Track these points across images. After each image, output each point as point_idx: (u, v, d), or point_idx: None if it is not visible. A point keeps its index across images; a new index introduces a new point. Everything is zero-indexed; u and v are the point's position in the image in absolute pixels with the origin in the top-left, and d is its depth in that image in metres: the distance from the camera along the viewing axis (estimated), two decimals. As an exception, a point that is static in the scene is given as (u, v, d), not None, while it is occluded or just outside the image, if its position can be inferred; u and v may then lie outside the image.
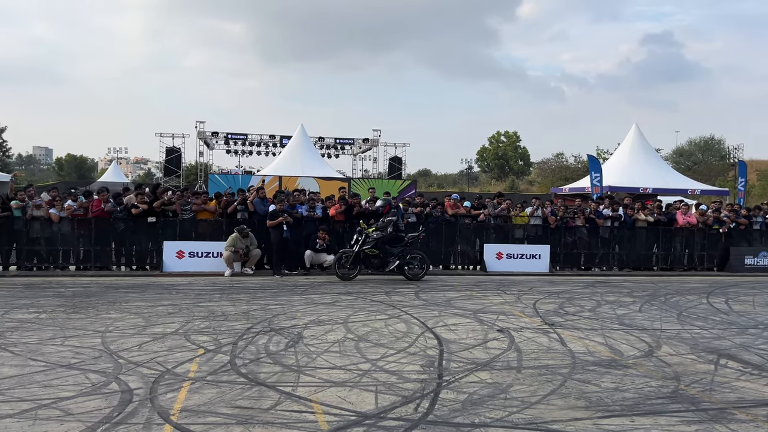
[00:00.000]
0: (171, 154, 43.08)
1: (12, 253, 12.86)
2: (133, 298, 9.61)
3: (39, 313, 8.22)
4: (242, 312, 8.64)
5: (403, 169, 46.56)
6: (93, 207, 13.10)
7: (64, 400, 4.68)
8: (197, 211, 13.77)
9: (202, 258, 13.14)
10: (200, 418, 4.38)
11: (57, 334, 7.01)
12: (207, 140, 43.10)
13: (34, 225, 12.73)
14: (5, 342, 6.54)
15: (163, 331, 7.28)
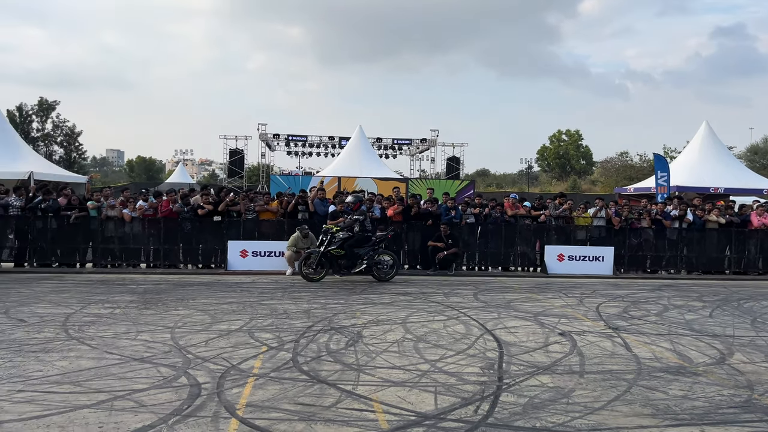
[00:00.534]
0: (234, 156, 44.36)
1: (88, 251, 13.57)
2: (200, 296, 9.97)
3: (113, 309, 8.65)
4: (303, 310, 8.82)
5: (461, 169, 46.29)
6: (162, 207, 13.68)
7: (138, 392, 4.92)
8: (260, 212, 14.14)
9: (265, 257, 13.48)
10: (264, 413, 4.52)
11: (130, 328, 7.36)
12: (268, 142, 44.13)
13: (108, 224, 13.39)
14: (83, 336, 6.92)
15: (228, 328, 7.52)
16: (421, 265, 14.31)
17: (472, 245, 14.72)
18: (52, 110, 64.38)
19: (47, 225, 13.30)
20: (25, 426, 4.16)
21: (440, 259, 13.66)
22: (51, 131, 64.73)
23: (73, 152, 65.68)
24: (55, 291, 10.19)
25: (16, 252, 13.42)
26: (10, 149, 20.87)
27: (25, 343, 6.48)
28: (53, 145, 64.34)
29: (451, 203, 14.65)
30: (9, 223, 13.38)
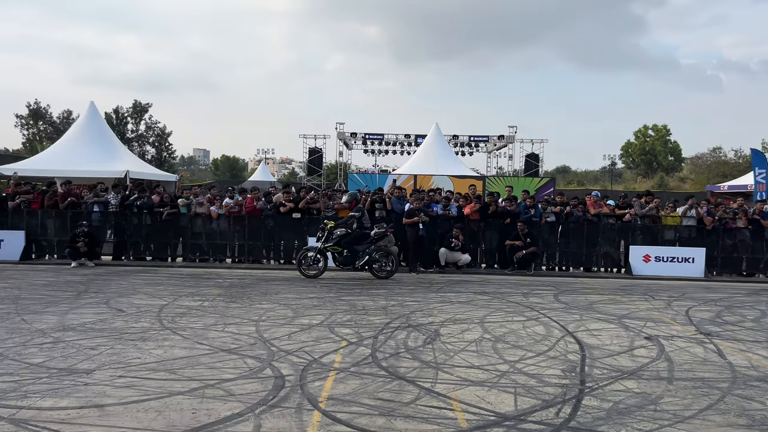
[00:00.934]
0: (313, 155, 45.35)
1: (179, 246, 14.31)
2: (282, 290, 10.30)
3: (202, 301, 9.10)
4: (381, 307, 8.93)
5: (540, 166, 45.22)
6: (246, 205, 14.22)
7: (226, 382, 5.16)
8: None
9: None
10: (345, 407, 4.63)
11: (218, 321, 7.72)
12: (346, 140, 44.81)
13: (197, 221, 14.07)
14: (176, 326, 7.32)
15: (310, 322, 7.74)
16: (498, 264, 14.14)
17: (552, 245, 14.38)
18: (145, 112, 68.24)
19: (142, 221, 14.13)
20: (126, 409, 4.46)
21: (518, 259, 13.44)
22: (144, 132, 68.61)
23: (164, 152, 69.33)
24: (150, 283, 10.82)
25: (115, 246, 14.35)
26: (109, 150, 22.28)
27: (125, 332, 6.94)
28: (146, 145, 68.16)
29: (530, 201, 14.37)
30: (108, 219, 14.33)
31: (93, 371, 5.37)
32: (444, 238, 13.50)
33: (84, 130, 22.69)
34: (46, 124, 66.66)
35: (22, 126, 66.06)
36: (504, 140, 44.20)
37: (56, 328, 7.04)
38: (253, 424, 4.23)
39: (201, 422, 4.23)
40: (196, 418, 4.30)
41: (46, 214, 14.06)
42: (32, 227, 13.96)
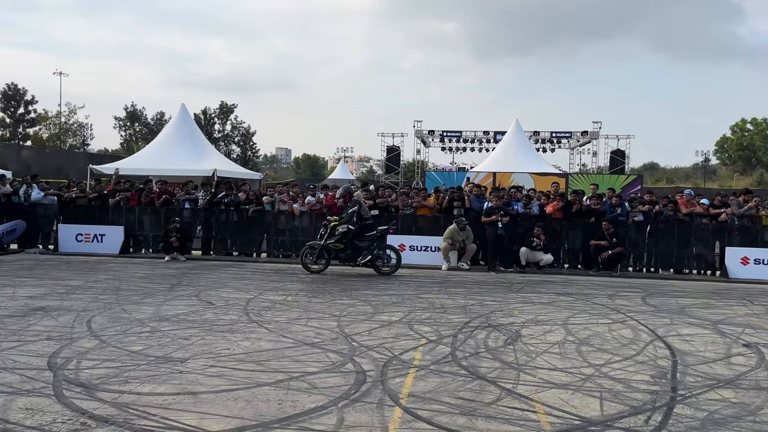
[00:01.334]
0: (391, 153, 45.67)
1: (263, 242, 14.83)
2: (362, 287, 10.46)
3: (286, 296, 9.39)
4: (460, 306, 8.89)
5: (626, 163, 43.45)
6: (327, 202, 14.54)
7: (310, 375, 5.31)
8: (417, 207, 14.45)
9: (422, 252, 13.77)
10: (426, 404, 4.65)
11: (301, 315, 7.95)
12: (423, 138, 44.81)
13: (280, 218, 14.54)
14: (261, 320, 7.60)
15: (389, 319, 7.82)
16: (582, 264, 13.73)
17: (640, 245, 13.79)
18: (230, 113, 71.09)
19: (229, 218, 14.76)
20: (217, 398, 4.68)
21: (604, 259, 12.99)
22: (230, 132, 71.47)
23: (248, 151, 71.98)
24: (236, 278, 11.28)
25: (203, 241, 15.06)
26: (197, 149, 23.42)
27: (214, 324, 7.28)
28: (231, 145, 70.99)
29: (616, 200, 13.85)
30: (198, 216, 15.05)
31: (187, 360, 5.67)
32: (525, 237, 13.25)
33: (175, 130, 23.97)
34: (142, 125, 70.76)
35: (120, 127, 70.47)
36: (588, 136, 42.77)
37: (153, 318, 7.48)
38: (336, 417, 4.33)
39: (287, 413, 4.38)
40: (282, 409, 4.46)
41: (143, 211, 14.94)
42: (130, 223, 14.89)
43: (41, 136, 59.51)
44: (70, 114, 61.13)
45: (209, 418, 4.22)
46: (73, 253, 14.35)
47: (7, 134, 60.43)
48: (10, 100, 60.70)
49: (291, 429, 4.10)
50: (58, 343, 6.14)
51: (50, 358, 5.59)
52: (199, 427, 4.06)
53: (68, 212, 15.22)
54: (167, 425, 4.09)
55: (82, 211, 15.17)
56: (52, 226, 15.19)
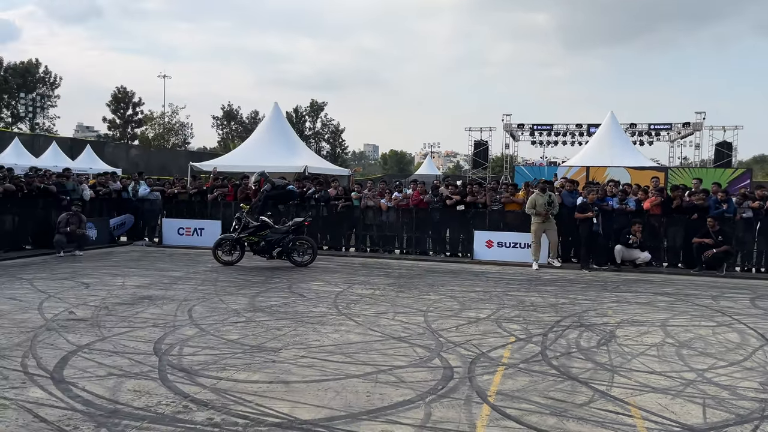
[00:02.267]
0: (479, 147, 45.09)
1: (351, 237, 15.10)
2: (449, 283, 10.42)
3: (374, 290, 9.52)
4: (551, 304, 8.65)
5: (733, 156, 40.55)
6: (413, 197, 14.58)
7: (398, 369, 5.36)
8: (505, 203, 14.19)
9: (510, 248, 13.51)
10: (515, 403, 4.57)
11: (388, 309, 8.03)
12: (513, 132, 43.91)
13: (368, 213, 14.74)
14: (350, 312, 7.75)
15: (477, 315, 7.74)
16: (683, 263, 12.97)
17: (749, 243, 12.84)
18: (321, 111, 72.84)
19: (319, 213, 15.13)
20: (308, 387, 4.82)
21: (708, 258, 12.19)
22: (320, 129, 73.23)
23: (338, 147, 73.47)
24: (326, 271, 11.56)
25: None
26: (290, 146, 24.15)
27: (305, 315, 7.50)
28: (321, 142, 72.73)
29: (722, 195, 12.95)
30: (289, 211, 15.52)
31: (279, 350, 5.88)
32: (620, 234, 12.68)
33: (269, 128, 24.83)
34: (237, 123, 73.91)
35: (218, 126, 73.97)
36: (690, 128, 40.28)
37: (248, 309, 7.81)
38: (423, 412, 4.35)
39: (375, 405, 4.44)
40: (370, 401, 4.53)
41: (239, 206, 15.60)
42: (227, 217, 15.58)
43: (147, 136, 63.61)
44: (173, 114, 65.01)
45: (300, 407, 4.36)
46: (176, 245, 15.22)
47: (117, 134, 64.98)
48: (120, 102, 65.22)
49: (379, 421, 4.16)
50: (163, 330, 6.55)
51: (155, 344, 5.98)
52: (291, 416, 4.20)
53: (171, 207, 16.17)
54: (261, 412, 4.26)
55: (184, 206, 16.07)
56: (157, 220, 16.18)
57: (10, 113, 57.32)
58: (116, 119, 65.32)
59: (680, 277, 11.83)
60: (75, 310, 7.49)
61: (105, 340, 6.11)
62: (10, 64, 57.21)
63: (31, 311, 7.36)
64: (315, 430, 3.98)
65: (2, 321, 6.81)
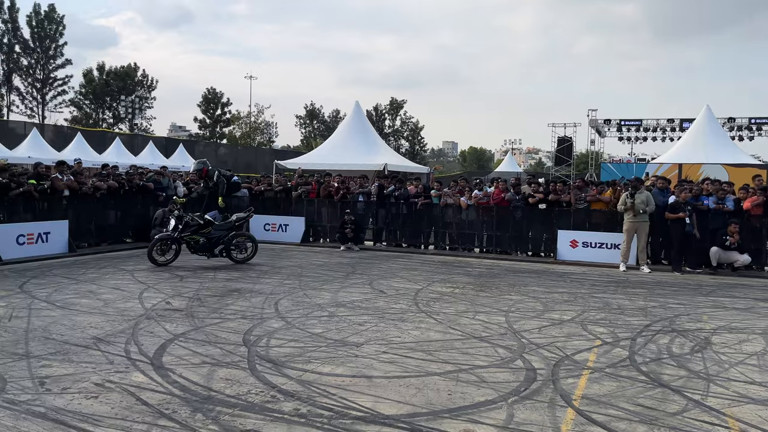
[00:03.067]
0: (562, 144, 43.81)
1: (430, 235, 15.11)
2: (531, 283, 10.22)
3: (453, 288, 9.50)
4: (639, 308, 8.32)
5: None
6: (494, 195, 14.39)
7: (479, 368, 5.34)
8: (591, 201, 13.74)
9: (596, 248, 13.07)
10: (602, 408, 4.44)
11: (469, 308, 7.99)
12: (599, 128, 42.35)
13: (447, 211, 14.70)
14: (430, 310, 7.78)
15: (560, 317, 7.56)
16: (788, 267, 12.08)
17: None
18: (400, 108, 73.19)
19: (399, 210, 15.25)
20: (389, 383, 4.89)
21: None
22: (399, 127, 73.61)
23: (416, 145, 73.59)
24: (406, 268, 11.63)
25: (375, 232, 15.72)
26: (370, 144, 24.44)
27: (386, 312, 7.59)
28: (400, 139, 73.07)
29: (833, 194, 11.95)
30: (370, 208, 15.75)
31: (361, 345, 6.00)
32: (716, 236, 11.98)
33: (350, 127, 25.24)
34: (319, 122, 75.53)
35: (300, 125, 75.90)
36: (796, 121, 37.32)
37: (331, 304, 8.01)
38: (505, 412, 4.31)
39: (456, 404, 4.45)
40: (451, 400, 4.54)
41: (321, 203, 16.00)
42: (310, 214, 16.03)
43: (234, 135, 66.22)
44: (259, 114, 67.27)
45: (383, 402, 4.44)
46: (262, 240, 15.75)
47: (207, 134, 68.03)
48: (210, 103, 68.21)
49: (461, 420, 4.16)
50: (251, 322, 6.83)
51: (245, 335, 6.25)
52: (374, 410, 4.29)
53: (258, 204, 16.78)
54: (345, 405, 4.37)
55: (270, 203, 16.64)
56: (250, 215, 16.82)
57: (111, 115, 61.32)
58: (206, 119, 68.39)
59: None
60: (171, 300, 7.95)
61: (198, 330, 6.45)
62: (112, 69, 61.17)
63: (133, 300, 7.88)
64: (397, 426, 4.04)
65: (108, 309, 7.33)
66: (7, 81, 52.07)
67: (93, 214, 13.66)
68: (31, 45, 52.72)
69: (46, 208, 12.59)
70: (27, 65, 53.01)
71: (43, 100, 54.28)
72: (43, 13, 53.21)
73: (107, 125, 59.00)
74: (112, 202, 14.20)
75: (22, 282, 9.00)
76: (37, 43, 53.03)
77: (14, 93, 52.79)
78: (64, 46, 54.51)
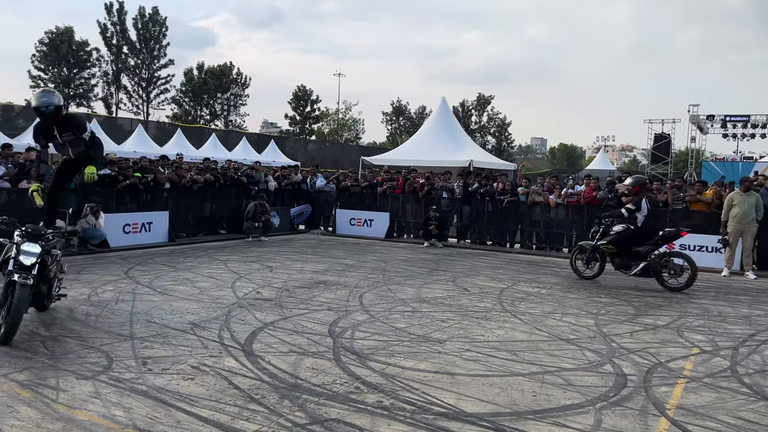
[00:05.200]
0: (659, 141, 41.60)
1: (517, 233, 14.82)
2: (622, 286, 9.80)
3: (540, 288, 9.28)
4: (743, 315, 7.78)
5: None
6: (585, 193, 13.90)
7: (565, 371, 5.19)
8: (690, 202, 12.99)
9: (695, 251, 12.29)
10: (698, 419, 4.21)
11: (556, 309, 7.78)
12: (700, 124, 39.84)
13: (535, 209, 14.36)
14: (515, 310, 7.64)
15: (654, 322, 7.21)
16: None
17: None
18: (487, 104, 72.09)
19: (485, 208, 15.06)
20: (473, 381, 4.86)
21: None
22: (486, 123, 72.58)
23: (503, 141, 72.31)
24: (490, 266, 11.48)
25: (459, 229, 15.62)
26: (455, 141, 24.26)
27: (469, 310, 7.53)
28: (487, 136, 72.02)
29: None
30: (455, 205, 15.66)
31: (444, 341, 5.99)
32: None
33: (436, 123, 25.18)
34: (405, 119, 75.80)
35: (387, 122, 76.46)
36: None
37: (414, 299, 8.04)
38: (593, 417, 4.17)
39: (541, 406, 4.36)
40: (536, 402, 4.45)
41: (406, 199, 16.08)
42: (395, 210, 16.15)
43: (323, 131, 67.77)
44: (347, 111, 68.46)
45: (465, 400, 4.41)
46: (348, 235, 16.09)
47: (297, 130, 70.03)
48: (300, 100, 70.11)
49: (546, 422, 4.07)
50: (336, 314, 6.99)
51: (330, 327, 6.40)
52: (456, 407, 4.27)
53: (345, 199, 17.12)
54: (427, 401, 4.39)
55: (356, 199, 16.93)
56: (332, 211, 17.23)
57: (208, 111, 64.40)
58: (296, 116, 70.39)
59: None
60: (261, 290, 8.27)
61: (287, 319, 6.67)
62: (209, 68, 64.21)
63: (226, 289, 8.26)
64: (480, 424, 4.01)
65: (203, 296, 7.73)
66: (116, 80, 55.85)
67: (191, 205, 14.43)
68: (137, 46, 56.21)
69: (149, 199, 13.43)
70: (134, 65, 56.59)
71: (148, 98, 57.79)
72: (148, 16, 56.55)
73: (204, 122, 62.02)
74: (208, 195, 14.94)
75: (128, 268, 9.66)
76: (143, 44, 56.44)
77: (122, 91, 56.55)
78: (167, 46, 57.71)
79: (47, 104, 5.98)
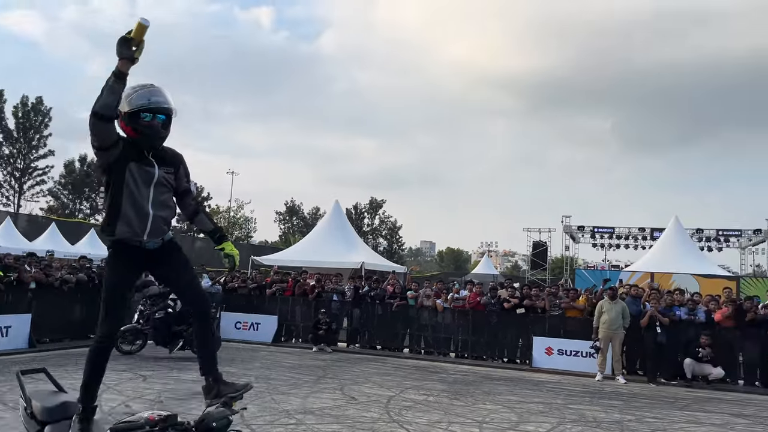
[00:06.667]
0: (537, 248, 44.55)
1: (406, 337, 14.88)
2: (505, 391, 10.00)
3: (427, 396, 9.23)
4: (616, 421, 8.14)
5: (812, 265, 38.38)
6: (470, 299, 14.37)
7: (451, 486, 5.09)
8: (566, 308, 13.79)
9: (571, 356, 12.96)
10: None
11: (442, 418, 7.73)
12: (573, 234, 43.28)
13: (423, 313, 14.58)
14: (402, 420, 7.51)
15: (536, 429, 7.35)
16: (760, 382, 12.03)
17: None
18: (379, 208, 74.27)
19: (374, 311, 15.09)
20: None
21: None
22: (377, 226, 74.38)
23: (394, 244, 74.07)
24: (379, 373, 11.34)
25: (349, 333, 15.44)
26: (348, 242, 24.59)
27: (357, 420, 7.31)
28: (378, 238, 73.57)
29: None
30: (345, 308, 15.57)
31: (328, 457, 5.72)
32: (689, 347, 11.99)
33: (329, 225, 25.53)
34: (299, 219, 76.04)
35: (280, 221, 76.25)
36: (762, 235, 38.67)
37: (299, 410, 7.69)
38: None
39: None
40: None
41: (296, 301, 15.78)
42: (283, 312, 15.75)
43: (212, 229, 66.05)
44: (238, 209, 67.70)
45: None
46: (233, 339, 15.34)
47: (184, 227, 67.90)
48: (190, 197, 68.66)
49: None
50: (214, 429, 6.50)
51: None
52: None
53: (231, 300, 16.48)
54: None
55: (243, 300, 16.35)
56: (217, 313, 16.47)
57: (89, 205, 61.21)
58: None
59: (759, 397, 10.96)
60: (131, 403, 7.58)
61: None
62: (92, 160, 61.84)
63: (90, 402, 7.48)
64: None
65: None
66: (-16, 169, 52.14)
67: (58, 307, 13.26)
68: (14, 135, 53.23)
69: (11, 300, 12.22)
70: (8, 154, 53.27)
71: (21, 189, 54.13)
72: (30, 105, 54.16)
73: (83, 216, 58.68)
74: (80, 296, 13.85)
75: (-25, 378, 8.55)
76: (21, 133, 53.57)
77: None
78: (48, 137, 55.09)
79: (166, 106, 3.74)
